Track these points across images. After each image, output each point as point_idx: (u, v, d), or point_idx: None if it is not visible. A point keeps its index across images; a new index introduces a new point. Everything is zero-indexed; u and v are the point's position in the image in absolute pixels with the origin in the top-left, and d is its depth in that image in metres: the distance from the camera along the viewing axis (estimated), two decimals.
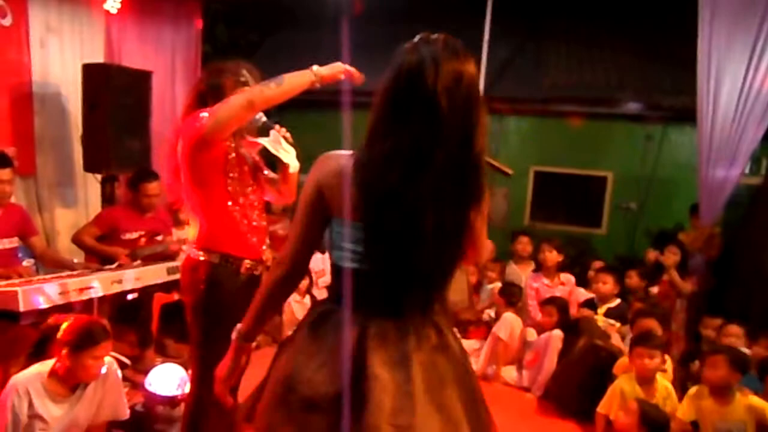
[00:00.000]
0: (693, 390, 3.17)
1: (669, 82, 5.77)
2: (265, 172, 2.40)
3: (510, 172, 1.72)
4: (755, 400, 2.99)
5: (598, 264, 5.05)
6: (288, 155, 2.23)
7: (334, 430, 1.33)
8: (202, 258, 2.17)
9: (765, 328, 3.81)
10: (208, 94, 2.22)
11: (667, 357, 3.64)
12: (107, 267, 3.28)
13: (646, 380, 3.30)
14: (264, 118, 2.18)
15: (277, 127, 2.22)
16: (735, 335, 3.78)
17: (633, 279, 4.65)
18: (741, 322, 3.87)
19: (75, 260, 3.69)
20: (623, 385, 3.33)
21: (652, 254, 4.98)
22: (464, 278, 4.98)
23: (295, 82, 2.03)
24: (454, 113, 1.34)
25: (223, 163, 2.15)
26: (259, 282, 2.14)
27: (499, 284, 4.96)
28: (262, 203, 2.33)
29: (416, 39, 1.41)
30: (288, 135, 2.25)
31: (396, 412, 1.32)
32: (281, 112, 2.53)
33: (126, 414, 2.65)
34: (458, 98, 1.35)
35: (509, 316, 4.38)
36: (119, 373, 2.63)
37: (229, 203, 2.18)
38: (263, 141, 2.20)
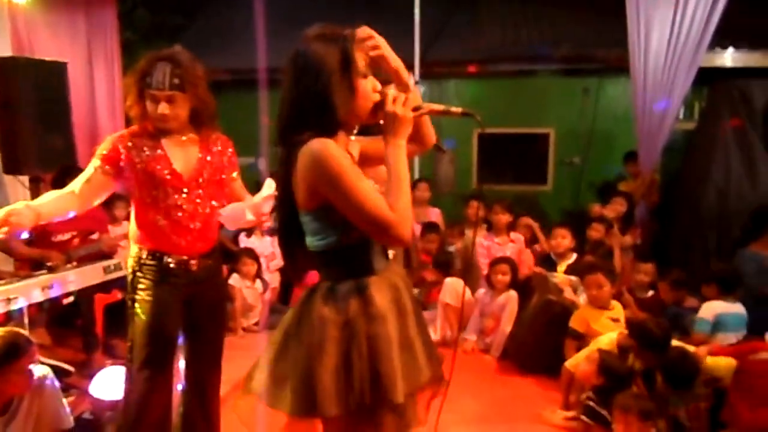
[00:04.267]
0: None
1: (602, 34, 5.81)
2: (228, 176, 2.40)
3: (445, 149, 1.71)
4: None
5: (526, 220, 5.06)
6: None
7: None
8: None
9: (701, 275, 3.90)
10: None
11: (618, 305, 3.71)
12: (37, 272, 3.09)
13: (622, 349, 3.22)
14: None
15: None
16: (645, 272, 4.09)
17: (599, 232, 4.65)
18: (671, 274, 4.00)
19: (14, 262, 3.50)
20: (603, 344, 3.26)
21: (596, 208, 5.04)
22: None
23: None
24: None
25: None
26: (189, 276, 2.25)
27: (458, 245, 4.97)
28: (200, 210, 2.29)
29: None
30: None
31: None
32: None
33: (70, 423, 2.51)
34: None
35: (451, 281, 4.38)
36: (56, 382, 2.48)
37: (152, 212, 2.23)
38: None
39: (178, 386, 2.47)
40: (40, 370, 2.39)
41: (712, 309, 3.50)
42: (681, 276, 3.97)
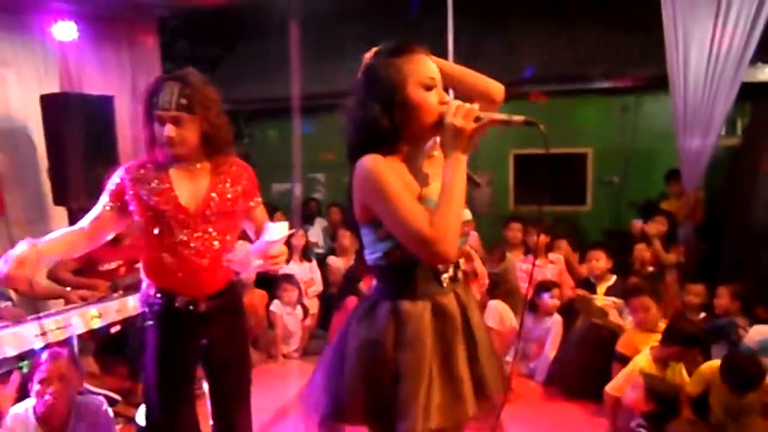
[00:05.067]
0: (704, 367, 3.11)
1: (638, 51, 5.74)
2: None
3: (480, 182, 1.67)
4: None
5: (563, 243, 4.94)
6: None
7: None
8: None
9: (758, 289, 3.79)
10: None
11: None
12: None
13: (663, 363, 3.18)
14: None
15: None
16: (696, 293, 3.96)
17: (646, 251, 4.53)
18: (733, 285, 3.86)
19: (68, 288, 3.57)
20: (642, 365, 3.21)
21: (637, 225, 4.93)
22: None
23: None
24: None
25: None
26: (198, 319, 2.12)
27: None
28: (209, 246, 2.13)
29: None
30: None
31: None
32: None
33: None
34: None
35: (494, 303, 4.31)
36: (110, 412, 2.53)
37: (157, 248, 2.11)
38: None
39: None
40: (97, 399, 2.44)
41: (759, 332, 3.36)
42: (743, 290, 3.84)
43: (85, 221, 2.09)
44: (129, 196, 2.07)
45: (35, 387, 2.31)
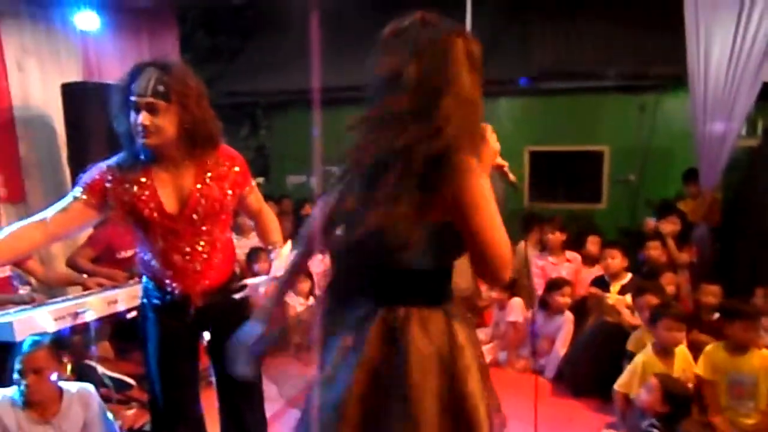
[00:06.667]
0: (709, 347, 3.16)
1: (658, 50, 5.68)
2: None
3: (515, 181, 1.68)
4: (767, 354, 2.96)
5: (594, 239, 4.94)
6: None
7: None
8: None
9: None
10: None
11: None
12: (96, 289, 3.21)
13: (665, 352, 3.23)
14: None
15: None
16: (712, 294, 3.91)
17: (657, 249, 4.51)
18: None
19: (85, 275, 3.63)
20: (643, 360, 3.25)
21: (651, 223, 4.89)
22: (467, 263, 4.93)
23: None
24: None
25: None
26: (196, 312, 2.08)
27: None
28: (200, 249, 2.07)
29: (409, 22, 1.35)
30: None
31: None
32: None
33: None
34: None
35: (516, 301, 4.33)
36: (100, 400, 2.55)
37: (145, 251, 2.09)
38: None
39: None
40: (87, 387, 2.47)
41: None
42: None
43: (48, 213, 1.92)
44: (110, 198, 1.94)
45: (14, 375, 2.31)
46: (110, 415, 2.56)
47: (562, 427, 3.39)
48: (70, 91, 4.27)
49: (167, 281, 2.06)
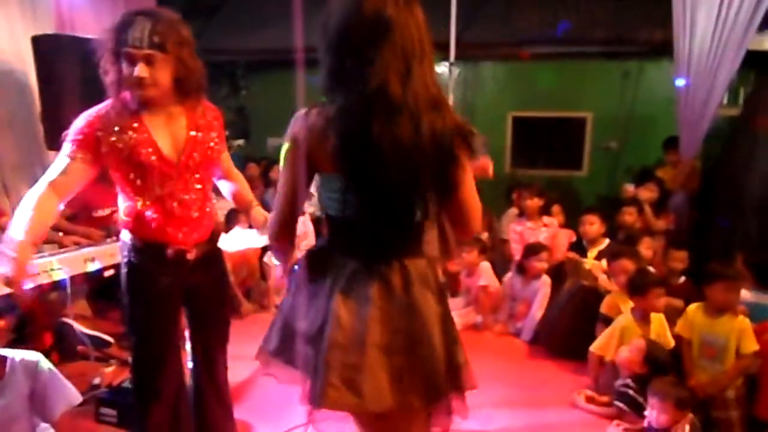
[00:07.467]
0: (691, 307, 3.22)
1: (643, 16, 5.64)
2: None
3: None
4: (741, 320, 3.02)
5: (557, 209, 5.00)
6: None
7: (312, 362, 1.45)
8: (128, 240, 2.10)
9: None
10: None
11: None
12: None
13: (644, 318, 3.29)
14: None
15: None
16: (679, 259, 4.02)
17: (632, 215, 4.56)
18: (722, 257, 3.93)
19: (60, 233, 3.56)
20: (623, 325, 3.31)
21: (629, 189, 4.94)
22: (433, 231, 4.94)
23: None
24: (413, 48, 1.34)
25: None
26: (188, 265, 2.08)
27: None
28: (195, 197, 2.08)
29: None
30: None
31: (346, 351, 1.39)
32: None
33: (78, 398, 2.43)
34: (416, 32, 1.36)
35: (486, 265, 4.38)
36: (50, 366, 2.41)
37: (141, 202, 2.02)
38: None
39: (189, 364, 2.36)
40: (32, 356, 2.35)
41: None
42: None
43: (50, 180, 1.91)
44: (104, 147, 1.92)
45: None
46: (66, 382, 2.42)
47: (537, 388, 3.46)
48: (41, 44, 4.09)
49: (164, 234, 2.03)
